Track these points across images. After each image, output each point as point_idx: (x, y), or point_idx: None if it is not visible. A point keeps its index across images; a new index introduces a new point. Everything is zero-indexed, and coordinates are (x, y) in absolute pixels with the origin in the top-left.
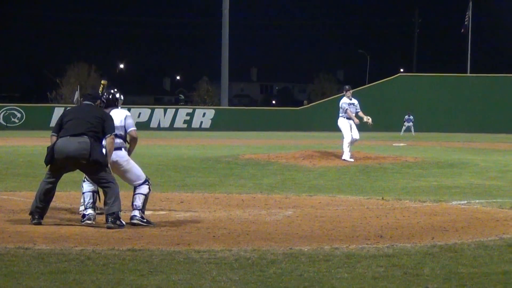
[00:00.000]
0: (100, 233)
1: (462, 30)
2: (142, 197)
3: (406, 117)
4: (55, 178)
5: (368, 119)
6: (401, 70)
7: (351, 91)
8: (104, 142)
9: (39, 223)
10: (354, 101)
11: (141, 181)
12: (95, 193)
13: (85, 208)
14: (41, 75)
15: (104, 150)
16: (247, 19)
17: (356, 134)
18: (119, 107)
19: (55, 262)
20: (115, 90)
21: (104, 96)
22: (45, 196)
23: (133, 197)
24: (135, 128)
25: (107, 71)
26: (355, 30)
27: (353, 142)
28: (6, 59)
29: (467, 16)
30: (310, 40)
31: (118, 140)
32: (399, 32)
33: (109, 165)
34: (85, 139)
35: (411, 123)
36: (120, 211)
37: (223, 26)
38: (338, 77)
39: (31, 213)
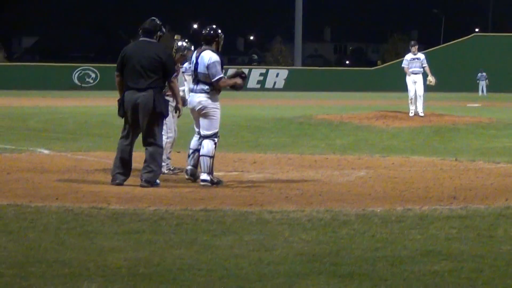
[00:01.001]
0: (173, 193)
1: None
2: (207, 160)
3: (479, 74)
4: (130, 137)
5: (431, 80)
6: (476, 30)
7: (416, 47)
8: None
9: (120, 184)
10: (420, 55)
11: (210, 132)
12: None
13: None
14: (115, 35)
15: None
16: None
17: (419, 90)
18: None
19: (128, 222)
20: (212, 27)
21: (204, 33)
22: (123, 160)
23: (199, 157)
24: (218, 77)
25: (180, 31)
26: None
27: (416, 98)
28: (81, 19)
29: None
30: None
31: (204, 87)
32: None
33: (180, 106)
34: (149, 92)
35: (484, 81)
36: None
37: None
38: (412, 37)
39: (112, 176)
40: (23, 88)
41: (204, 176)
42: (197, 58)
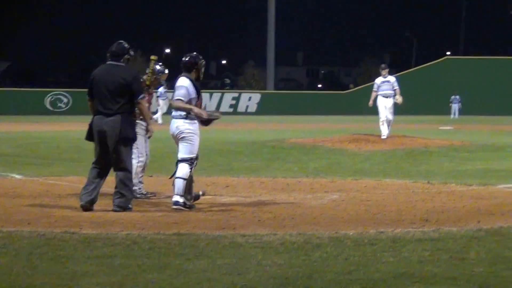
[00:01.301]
0: (146, 218)
1: (511, 12)
2: (181, 182)
3: (453, 97)
4: (100, 162)
5: (398, 99)
6: (448, 53)
7: (386, 70)
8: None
9: (87, 207)
10: (391, 78)
11: (187, 156)
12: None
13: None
14: (88, 60)
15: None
16: (293, 2)
17: (389, 115)
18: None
19: (101, 247)
20: (192, 55)
21: (183, 60)
22: (93, 181)
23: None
24: (175, 98)
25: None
26: (401, 12)
27: (386, 121)
28: (54, 44)
29: None
30: (356, 24)
31: (181, 112)
32: (446, 14)
33: (150, 128)
34: (117, 117)
35: (457, 104)
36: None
37: (268, 10)
38: (384, 60)
39: (80, 197)
40: None
41: (176, 198)
42: (174, 84)
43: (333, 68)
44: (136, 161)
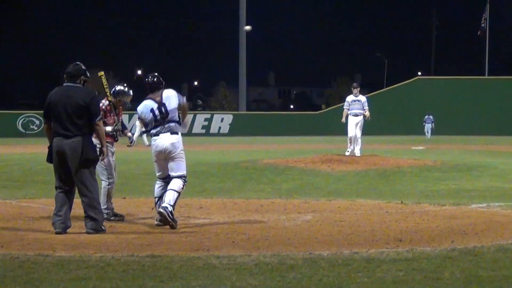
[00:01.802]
0: (119, 240)
1: (479, 33)
2: (175, 194)
3: (426, 117)
4: (63, 184)
5: (366, 115)
6: (419, 73)
7: (358, 89)
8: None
9: (63, 233)
10: (361, 98)
11: (181, 173)
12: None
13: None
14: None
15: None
16: (264, 23)
17: (358, 133)
18: (165, 89)
19: (74, 269)
20: (155, 75)
21: (148, 80)
22: (62, 206)
23: (166, 191)
24: (184, 100)
25: (124, 77)
26: (372, 33)
27: (353, 138)
28: (24, 66)
29: (483, 18)
30: (327, 44)
31: (172, 124)
32: (416, 35)
33: (104, 150)
34: (77, 139)
35: (430, 124)
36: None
37: (240, 31)
38: (356, 80)
39: (53, 224)
40: None
41: (167, 205)
42: (160, 101)
43: (305, 88)
44: (107, 183)
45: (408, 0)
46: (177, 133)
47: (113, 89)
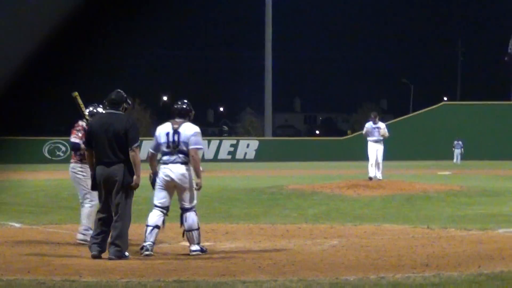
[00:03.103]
0: (145, 265)
1: (506, 58)
2: (196, 232)
3: (455, 142)
4: (106, 209)
5: (384, 133)
6: (445, 98)
7: (377, 117)
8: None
9: (98, 257)
10: (381, 125)
11: (192, 205)
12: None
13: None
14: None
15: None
16: (290, 49)
17: (379, 157)
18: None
19: None
20: (185, 102)
21: (177, 107)
22: (100, 232)
23: (185, 232)
24: (198, 147)
25: (151, 104)
26: (398, 59)
27: (375, 164)
28: (50, 92)
29: (510, 43)
30: (353, 70)
31: (182, 155)
32: (442, 60)
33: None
34: (119, 166)
35: (459, 149)
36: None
37: (266, 57)
38: (382, 106)
39: (89, 247)
40: None
41: (194, 247)
42: (176, 129)
43: (330, 114)
44: (90, 205)
45: (434, 26)
46: (187, 164)
47: (89, 109)
